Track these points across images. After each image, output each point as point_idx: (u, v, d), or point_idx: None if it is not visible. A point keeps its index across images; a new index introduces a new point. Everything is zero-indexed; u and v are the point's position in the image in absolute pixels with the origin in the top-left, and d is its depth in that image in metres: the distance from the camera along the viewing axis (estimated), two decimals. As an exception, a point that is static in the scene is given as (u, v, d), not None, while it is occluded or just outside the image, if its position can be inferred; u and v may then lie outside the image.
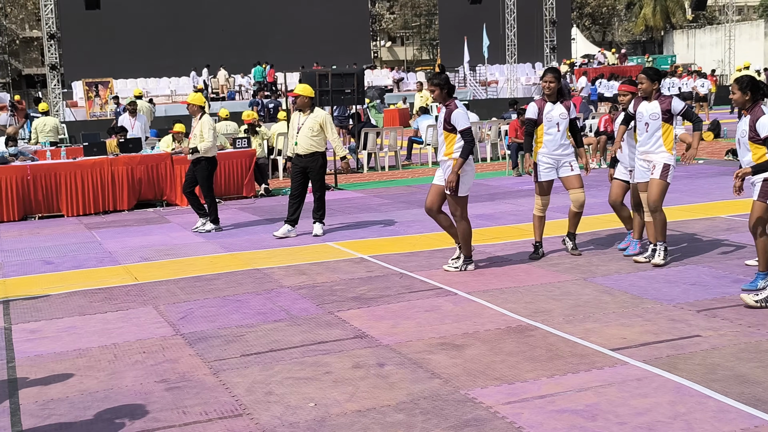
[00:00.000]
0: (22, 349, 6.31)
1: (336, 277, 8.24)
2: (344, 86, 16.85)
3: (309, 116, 10.35)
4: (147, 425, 4.71)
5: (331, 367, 5.56)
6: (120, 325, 6.79)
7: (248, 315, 6.98)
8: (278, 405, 4.91)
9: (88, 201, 13.46)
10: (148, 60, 40.15)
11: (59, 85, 32.76)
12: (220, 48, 41.52)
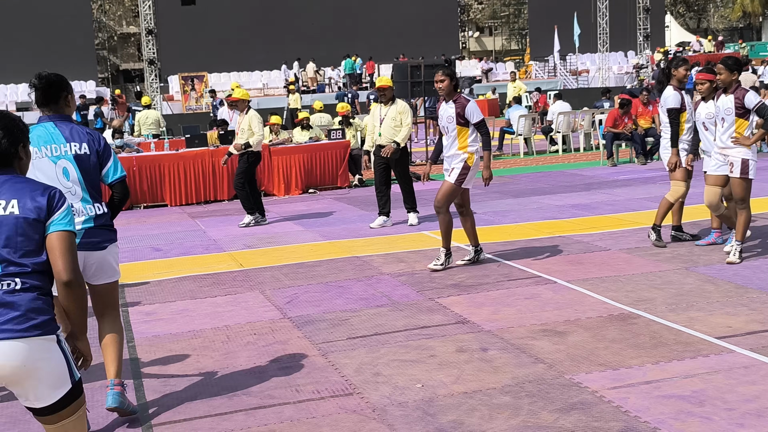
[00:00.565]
0: (139, 330, 6.66)
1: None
2: (436, 77, 16.92)
3: (391, 107, 10.51)
4: (263, 402, 4.95)
5: (436, 350, 5.71)
6: (230, 309, 7.10)
7: (351, 300, 7.19)
8: (386, 385, 5.09)
9: (190, 191, 13.95)
10: (241, 54, 41.03)
11: (157, 79, 33.84)
12: (310, 41, 42.11)
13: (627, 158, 16.83)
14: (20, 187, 3.11)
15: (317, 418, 4.67)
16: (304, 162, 14.60)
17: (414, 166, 17.09)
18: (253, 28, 42.32)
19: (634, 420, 4.35)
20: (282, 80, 39.32)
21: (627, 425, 4.30)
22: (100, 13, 58.16)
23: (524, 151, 19.35)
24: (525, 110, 21.07)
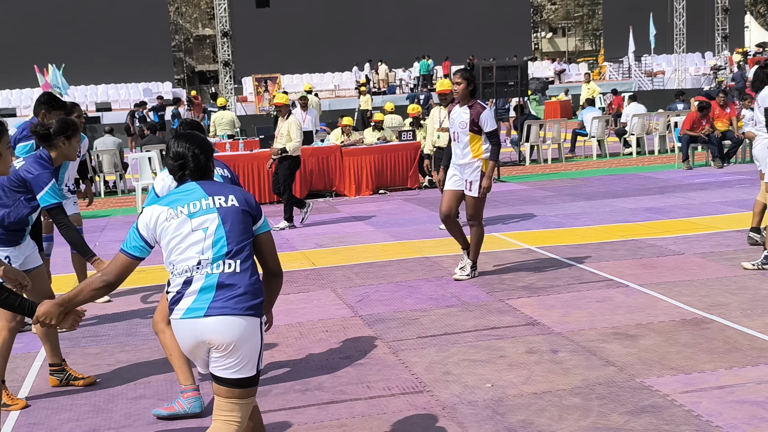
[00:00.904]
0: (215, 325, 6.86)
1: (504, 266, 8.41)
2: (507, 78, 16.92)
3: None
4: (335, 397, 5.07)
5: (505, 351, 5.75)
6: (302, 306, 7.26)
7: (421, 300, 7.27)
8: (456, 384, 5.16)
9: (264, 190, 14.21)
10: (313, 56, 41.50)
11: (231, 80, 34.48)
12: (382, 43, 42.36)
13: (702, 161, 16.52)
14: (229, 187, 3.67)
15: (388, 414, 4.77)
16: (375, 163, 14.74)
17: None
18: (326, 29, 42.76)
19: (705, 424, 4.33)
20: (353, 82, 39.63)
21: (698, 429, 4.28)
22: (177, 15, 59.45)
23: (597, 154, 19.16)
24: (598, 112, 20.83)
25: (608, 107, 26.68)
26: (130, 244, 3.56)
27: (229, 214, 3.54)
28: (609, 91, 27.62)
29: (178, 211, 3.53)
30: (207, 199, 3.56)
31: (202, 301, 3.42)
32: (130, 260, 3.56)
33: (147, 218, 3.56)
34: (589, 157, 19.22)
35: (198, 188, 3.61)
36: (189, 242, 3.49)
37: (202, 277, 3.45)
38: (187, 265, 3.47)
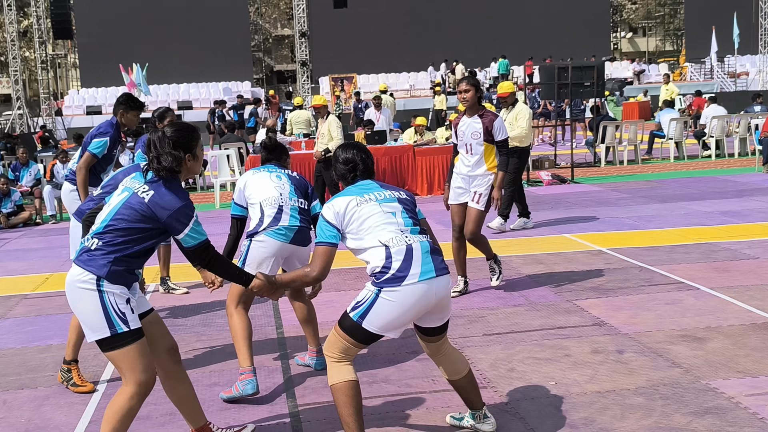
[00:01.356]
0: (287, 318, 7.07)
1: (574, 267, 8.41)
2: (583, 79, 16.77)
3: (511, 111, 10.53)
4: (401, 390, 5.21)
5: (571, 350, 5.80)
6: (372, 302, 7.40)
7: (489, 299, 7.35)
8: (520, 381, 5.24)
9: (339, 187, 14.42)
10: (389, 56, 41.74)
11: (308, 80, 34.95)
12: (458, 43, 42.32)
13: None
14: (391, 186, 4.40)
15: (452, 407, 4.87)
16: (448, 163, 14.79)
17: (558, 169, 17.02)
18: (402, 30, 42.95)
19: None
20: (428, 82, 39.72)
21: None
22: (257, 16, 60.43)
23: (674, 156, 18.85)
24: (677, 113, 20.48)
25: (687, 108, 26.18)
26: (324, 235, 4.09)
27: (404, 202, 4.24)
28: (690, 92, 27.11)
29: (366, 198, 4.16)
30: (386, 191, 4.25)
31: (428, 264, 4.01)
32: (330, 248, 4.08)
33: (336, 208, 4.12)
34: (666, 159, 18.93)
35: (374, 184, 4.31)
36: (385, 221, 4.09)
37: (418, 245, 4.05)
38: (390, 237, 4.04)
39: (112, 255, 3.83)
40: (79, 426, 4.90)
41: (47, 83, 35.46)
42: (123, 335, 3.81)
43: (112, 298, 3.82)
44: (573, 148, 16.98)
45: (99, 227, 3.90)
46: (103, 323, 3.79)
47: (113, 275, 3.83)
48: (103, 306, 3.80)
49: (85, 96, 39.00)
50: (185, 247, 3.92)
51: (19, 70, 33.89)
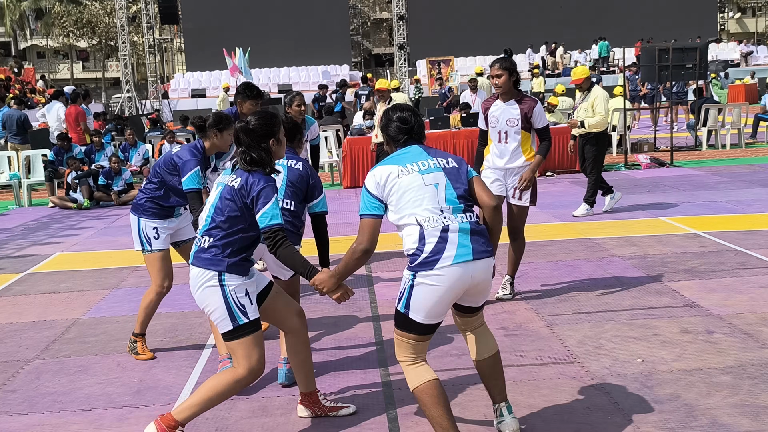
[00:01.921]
0: (380, 293, 7.31)
1: (668, 250, 8.38)
2: (685, 61, 16.42)
3: (587, 97, 10.38)
4: (489, 363, 5.37)
5: (660, 330, 5.84)
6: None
7: (580, 279, 7.41)
8: (607, 358, 5.33)
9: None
10: (487, 38, 41.43)
11: (405, 63, 35.11)
12: (556, 24, 41.71)
13: None
14: (439, 152, 4.16)
15: (538, 380, 5.01)
16: (544, 145, 14.76)
17: (658, 152, 16.75)
18: (500, 12, 42.59)
19: None
20: (526, 64, 39.32)
21: None
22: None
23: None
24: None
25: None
26: (367, 207, 3.96)
27: (450, 172, 4.01)
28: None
29: (408, 168, 3.95)
30: (432, 159, 4.02)
31: (465, 247, 3.84)
32: (374, 220, 3.94)
33: (377, 178, 3.97)
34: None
35: (421, 150, 4.08)
36: (425, 195, 3.90)
37: (456, 225, 3.88)
38: (427, 216, 3.87)
39: (227, 249, 4.12)
40: (186, 387, 5.25)
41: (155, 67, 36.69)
42: (243, 326, 4.10)
43: (233, 292, 4.10)
44: (673, 131, 16.66)
45: (205, 225, 4.20)
46: (226, 316, 4.09)
47: (231, 267, 4.11)
48: (225, 300, 4.09)
49: (190, 80, 40.16)
50: (259, 227, 4.07)
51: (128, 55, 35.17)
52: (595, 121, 10.27)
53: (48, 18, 62.80)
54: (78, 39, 63.16)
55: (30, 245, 10.61)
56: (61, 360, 5.91)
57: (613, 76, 35.88)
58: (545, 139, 6.69)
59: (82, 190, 13.67)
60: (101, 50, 63.81)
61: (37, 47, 69.30)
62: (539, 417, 4.49)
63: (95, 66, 69.30)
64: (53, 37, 64.56)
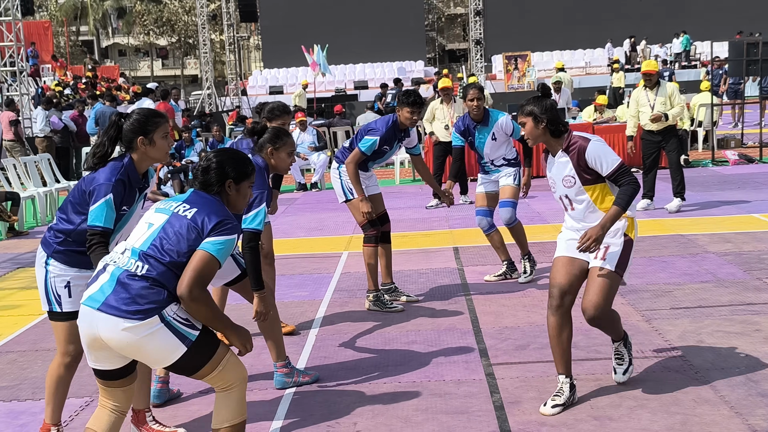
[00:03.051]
0: (475, 287, 7.44)
1: (763, 246, 8.30)
2: (775, 55, 16.09)
3: (659, 91, 10.23)
4: (589, 355, 5.47)
5: (761, 326, 5.84)
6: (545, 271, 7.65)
7: (675, 275, 7.42)
8: (710, 352, 5.37)
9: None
10: (564, 33, 41.18)
11: (481, 59, 35.06)
12: (635, 18, 41.15)
13: None
14: (201, 204, 3.78)
15: (641, 373, 5.09)
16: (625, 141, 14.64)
17: (746, 148, 16.47)
18: (577, 6, 42.22)
19: None
20: (605, 59, 38.89)
21: None
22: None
23: None
24: None
25: None
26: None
27: (175, 225, 3.69)
28: None
29: (162, 203, 3.91)
30: (176, 205, 3.78)
31: (100, 293, 3.64)
32: None
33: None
34: None
35: (188, 197, 3.84)
36: (135, 229, 3.83)
37: (113, 268, 3.65)
38: (116, 247, 3.83)
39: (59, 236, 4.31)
40: (301, 360, 5.47)
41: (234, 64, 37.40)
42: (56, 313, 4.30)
43: (53, 279, 4.29)
44: (762, 127, 16.35)
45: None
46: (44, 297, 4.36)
47: (57, 255, 4.30)
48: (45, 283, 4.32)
49: (268, 76, 40.87)
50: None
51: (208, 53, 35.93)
52: (677, 111, 10.24)
53: (129, 17, 64.57)
54: (158, 37, 64.79)
55: (128, 237, 11.04)
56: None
57: (695, 70, 35.24)
58: (623, 184, 4.59)
59: (174, 185, 14.15)
60: (180, 48, 65.31)
61: (119, 45, 71.22)
62: (645, 408, 4.57)
63: (174, 63, 70.91)
64: (134, 35, 66.35)
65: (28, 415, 5.00)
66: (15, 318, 7.21)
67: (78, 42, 63.79)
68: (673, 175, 10.59)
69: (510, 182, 7.57)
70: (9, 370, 5.83)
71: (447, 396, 4.93)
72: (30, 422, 4.88)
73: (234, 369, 3.72)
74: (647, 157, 10.64)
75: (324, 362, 5.66)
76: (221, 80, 47.66)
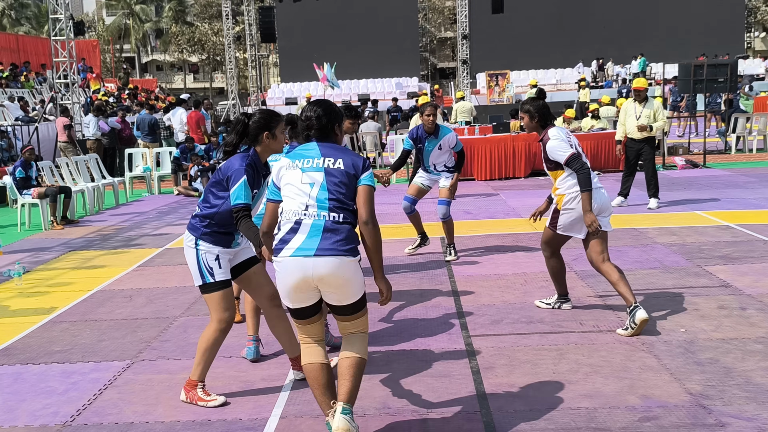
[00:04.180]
0: (457, 270, 7.51)
1: (704, 239, 8.38)
2: (717, 76, 16.15)
3: (646, 106, 10.27)
4: (553, 328, 5.54)
5: (699, 306, 5.92)
6: (527, 261, 7.73)
7: (627, 262, 7.49)
8: (655, 327, 5.44)
9: (494, 168, 14.73)
10: (539, 54, 41.15)
11: (467, 76, 35.06)
12: (601, 42, 41.14)
13: None
14: (337, 151, 3.76)
15: (596, 345, 5.16)
16: (591, 148, 14.75)
17: (692, 155, 16.53)
18: (551, 31, 42.20)
19: None
20: (574, 77, 38.88)
21: None
22: (424, 21, 60.86)
23: (802, 145, 17.82)
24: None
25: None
26: (270, 193, 3.85)
27: (333, 173, 3.67)
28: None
29: (296, 164, 3.73)
30: (319, 160, 3.70)
31: (310, 242, 3.56)
32: (274, 204, 3.82)
33: (275, 169, 3.82)
34: (793, 148, 17.93)
35: (317, 148, 3.76)
36: (297, 191, 3.67)
37: (310, 221, 3.60)
38: (290, 209, 3.67)
39: (205, 220, 4.37)
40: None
41: (255, 79, 37.35)
42: (209, 284, 4.37)
43: (204, 255, 4.35)
44: (706, 136, 16.42)
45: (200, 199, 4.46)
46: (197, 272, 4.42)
47: (205, 236, 4.35)
48: (197, 260, 4.37)
49: (284, 89, 40.77)
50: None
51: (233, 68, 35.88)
52: (660, 124, 10.30)
53: (166, 37, 64.47)
54: (190, 54, 64.66)
55: (164, 225, 11.11)
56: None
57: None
58: (579, 172, 5.48)
59: (203, 181, 14.19)
60: (209, 64, 65.18)
61: (156, 61, 71.11)
62: (599, 374, 4.65)
63: (204, 77, 70.79)
64: (170, 52, 66.22)
65: (78, 374, 5.07)
66: (67, 293, 7.29)
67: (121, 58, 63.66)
68: (648, 180, 10.64)
69: (447, 185, 7.95)
70: (62, 337, 5.91)
71: (432, 362, 5.00)
72: (80, 381, 4.95)
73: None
74: (629, 161, 10.68)
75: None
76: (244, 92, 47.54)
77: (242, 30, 41.45)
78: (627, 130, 10.53)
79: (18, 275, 7.74)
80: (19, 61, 30.87)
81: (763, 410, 4.03)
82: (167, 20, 63.97)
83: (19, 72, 28.65)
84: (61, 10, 18.70)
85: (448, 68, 62.82)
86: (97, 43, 40.69)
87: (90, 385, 4.84)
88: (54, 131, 17.33)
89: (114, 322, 6.22)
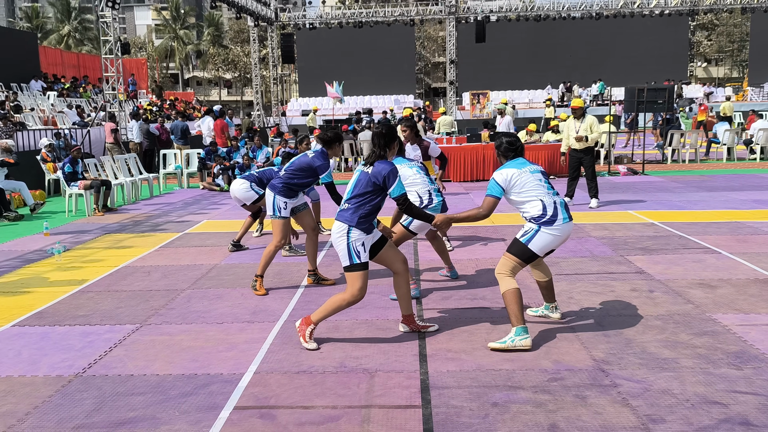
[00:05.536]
0: (422, 256, 7.53)
1: (630, 233, 8.39)
2: (657, 98, 16.10)
3: (584, 121, 10.27)
4: (491, 304, 5.55)
5: (615, 288, 5.94)
6: (481, 249, 7.74)
7: (563, 252, 7.49)
8: (575, 305, 5.47)
9: (467, 171, 14.72)
10: (514, 77, 41.07)
11: (454, 95, 35.00)
12: (567, 68, 41.04)
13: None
14: (529, 161, 4.75)
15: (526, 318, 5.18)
16: (548, 156, 14.75)
17: (633, 164, 16.46)
18: (525, 58, 42.03)
19: (749, 346, 4.40)
20: (544, 97, 38.77)
21: (742, 348, 4.36)
22: (421, 47, 60.70)
23: (726, 158, 17.78)
24: (728, 125, 19.22)
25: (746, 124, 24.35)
26: (494, 190, 4.53)
27: (542, 173, 4.66)
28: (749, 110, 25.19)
29: (524, 170, 4.59)
30: (532, 166, 4.65)
31: (565, 213, 4.57)
32: (496, 199, 4.53)
33: (504, 176, 4.54)
34: (719, 160, 17.88)
35: (524, 161, 4.69)
36: (537, 185, 4.57)
37: (559, 200, 4.58)
38: (543, 196, 4.54)
39: (358, 211, 4.49)
40: (286, 311, 5.59)
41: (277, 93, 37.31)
42: (355, 265, 4.48)
43: (354, 241, 4.46)
44: (645, 149, 16.37)
45: (346, 196, 4.57)
46: (346, 255, 4.49)
47: (358, 224, 4.47)
48: (348, 245, 4.46)
49: (302, 103, 40.74)
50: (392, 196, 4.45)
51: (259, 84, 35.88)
52: (595, 136, 10.26)
53: (204, 57, 64.39)
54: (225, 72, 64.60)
55: (187, 214, 11.15)
56: (205, 290, 6.31)
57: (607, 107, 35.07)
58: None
59: (224, 179, 14.22)
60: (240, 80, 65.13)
61: (197, 77, 71.08)
62: (522, 342, 4.67)
63: (236, 92, 70.75)
64: (207, 70, 66.17)
65: (95, 335, 5.12)
66: (97, 268, 7.34)
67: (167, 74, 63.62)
68: (589, 183, 10.64)
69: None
70: (86, 304, 5.96)
71: (387, 330, 5.04)
72: (95, 340, 5.00)
73: None
74: (572, 168, 10.65)
75: (308, 306, 5.77)
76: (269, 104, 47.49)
77: (267, 53, 41.37)
78: (569, 143, 10.52)
79: (59, 252, 7.79)
80: (79, 75, 30.92)
81: (651, 374, 4.06)
82: (206, 43, 63.92)
83: (79, 84, 28.69)
84: (110, 32, 18.71)
85: (440, 88, 62.66)
86: (145, 61, 40.65)
87: (103, 344, 4.89)
88: (103, 134, 17.36)
89: (132, 293, 6.27)
